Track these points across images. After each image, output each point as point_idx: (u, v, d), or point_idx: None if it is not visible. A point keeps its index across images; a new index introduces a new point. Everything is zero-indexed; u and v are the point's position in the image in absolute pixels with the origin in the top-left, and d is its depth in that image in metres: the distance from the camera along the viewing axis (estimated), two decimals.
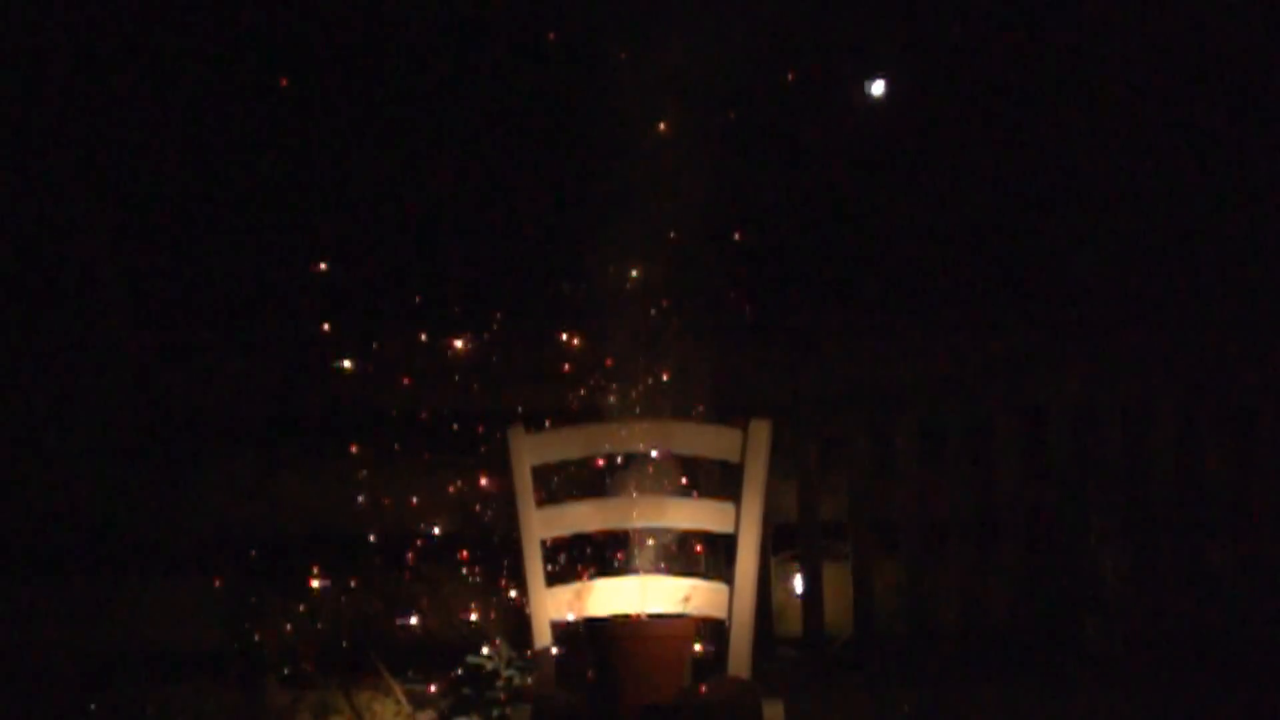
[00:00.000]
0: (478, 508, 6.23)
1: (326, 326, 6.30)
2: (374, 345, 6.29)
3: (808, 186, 6.51)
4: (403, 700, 6.16)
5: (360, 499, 6.25)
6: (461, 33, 6.36)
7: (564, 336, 6.26)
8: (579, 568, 5.83)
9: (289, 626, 6.21)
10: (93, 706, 6.12)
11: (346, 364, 6.27)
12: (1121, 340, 6.44)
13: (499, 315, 6.33)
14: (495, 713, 6.01)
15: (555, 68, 6.31)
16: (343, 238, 6.36)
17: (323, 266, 6.33)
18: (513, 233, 6.37)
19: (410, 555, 6.26)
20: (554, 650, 5.28)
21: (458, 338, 6.31)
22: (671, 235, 6.15)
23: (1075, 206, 6.58)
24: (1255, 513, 6.34)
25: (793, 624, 6.32)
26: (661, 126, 6.13)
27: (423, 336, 6.31)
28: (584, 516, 5.41)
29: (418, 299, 6.34)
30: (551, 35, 6.30)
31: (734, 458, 5.38)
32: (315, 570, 6.22)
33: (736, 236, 6.33)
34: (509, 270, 6.36)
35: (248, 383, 6.28)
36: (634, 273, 6.14)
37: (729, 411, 5.85)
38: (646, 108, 6.13)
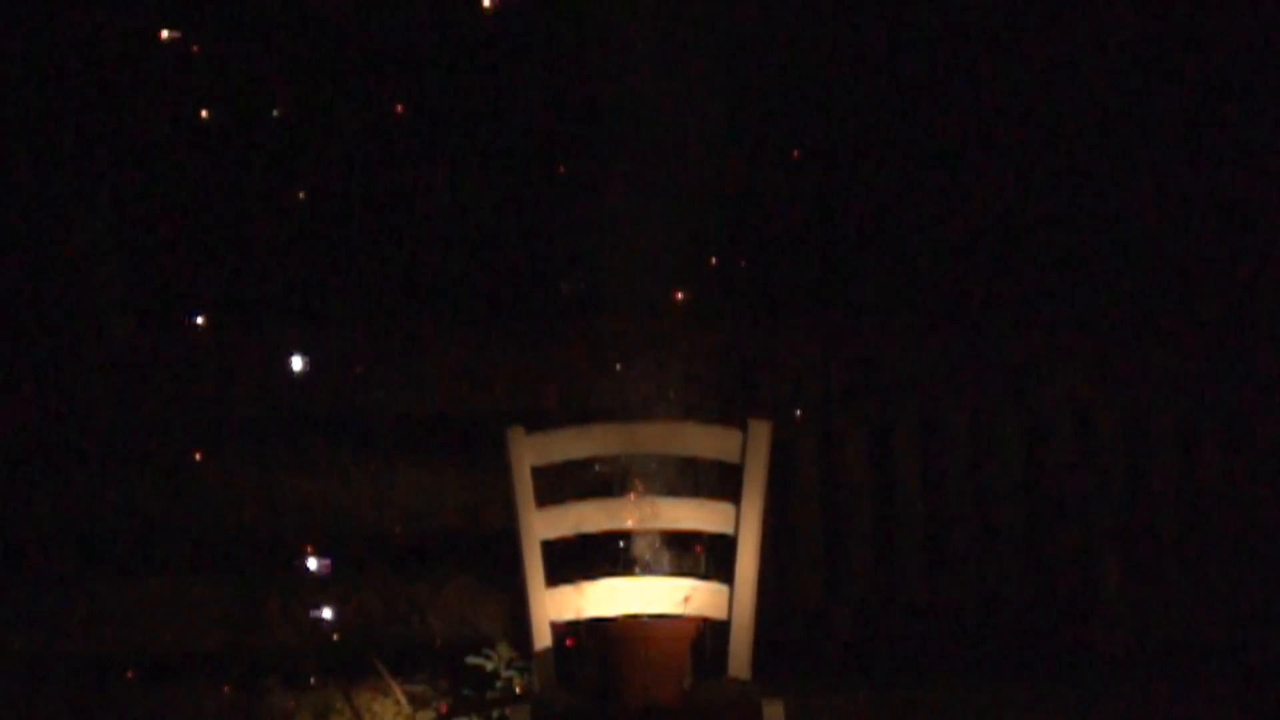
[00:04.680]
0: (478, 507, 6.22)
1: (326, 326, 6.30)
2: (374, 344, 6.29)
3: (809, 185, 6.51)
4: (402, 701, 6.16)
5: (360, 499, 6.25)
6: (454, 28, 6.37)
7: (564, 336, 6.26)
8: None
9: (289, 627, 6.21)
10: (93, 706, 6.12)
11: (345, 363, 6.27)
12: (1122, 340, 6.44)
13: (499, 314, 6.33)
14: (495, 713, 6.01)
15: (550, 61, 6.31)
16: (342, 237, 6.36)
17: (322, 266, 6.33)
18: (511, 231, 6.37)
19: (410, 555, 6.25)
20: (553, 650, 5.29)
21: (458, 337, 6.31)
22: (671, 234, 6.15)
23: (1076, 206, 6.58)
24: (1255, 513, 6.34)
25: None
26: (660, 124, 6.13)
27: (423, 335, 6.31)
28: (583, 517, 5.40)
29: (418, 298, 6.34)
30: (543, 26, 6.31)
31: (734, 458, 5.38)
32: (315, 570, 6.21)
33: (735, 236, 6.34)
34: (508, 269, 6.36)
35: (248, 382, 6.27)
36: (634, 271, 6.14)
37: (729, 411, 5.85)
38: (645, 104, 6.12)
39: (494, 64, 6.37)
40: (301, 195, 6.34)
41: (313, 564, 6.21)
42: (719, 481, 5.89)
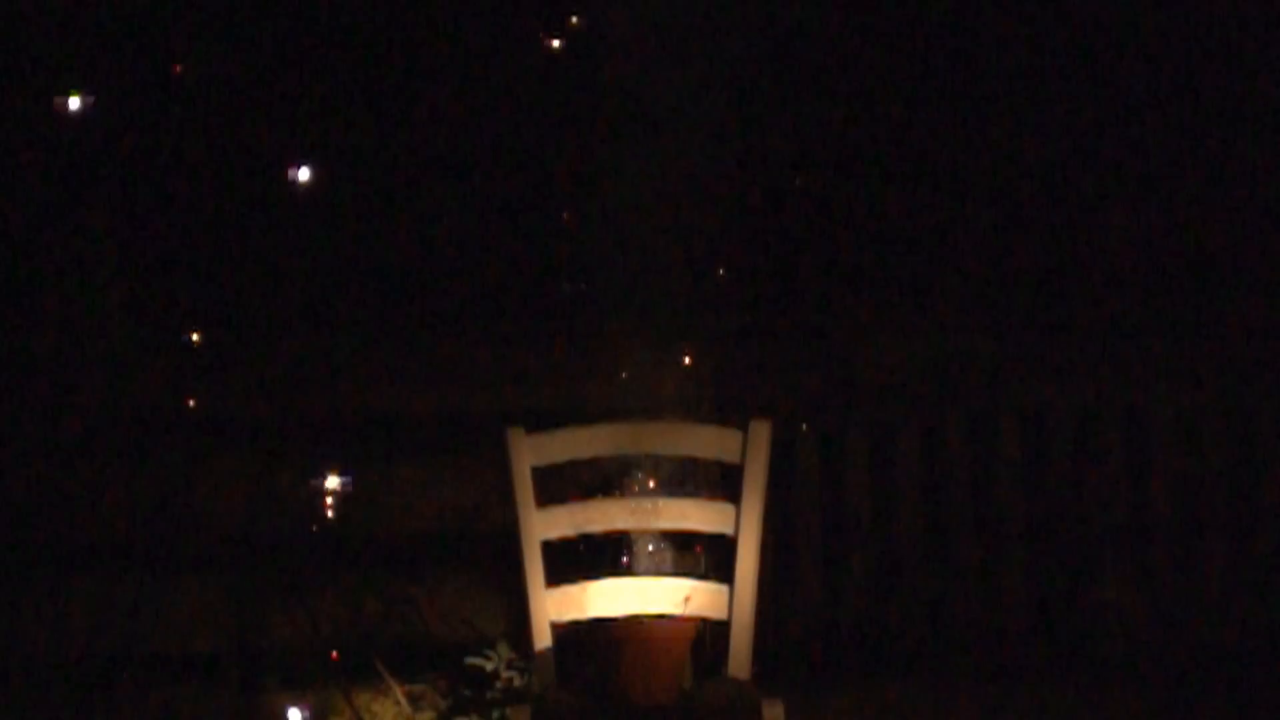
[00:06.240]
0: (478, 507, 6.22)
1: (326, 327, 6.30)
2: (374, 344, 6.29)
3: (808, 186, 6.51)
4: (402, 701, 6.16)
5: (360, 499, 6.25)
6: (455, 28, 6.37)
7: (564, 336, 6.26)
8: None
9: (288, 628, 6.21)
10: (93, 707, 6.12)
11: (345, 363, 6.27)
12: (1122, 340, 6.44)
13: (498, 314, 6.33)
14: (495, 714, 6.00)
15: (553, 61, 6.32)
16: (341, 236, 6.36)
17: (321, 265, 6.33)
18: (511, 230, 6.37)
19: (410, 556, 6.25)
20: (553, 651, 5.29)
21: (457, 336, 6.31)
22: (673, 234, 6.15)
23: (1076, 206, 6.59)
24: (1255, 514, 6.34)
25: None
26: (662, 124, 6.13)
27: (422, 335, 6.31)
28: (584, 517, 5.40)
29: (417, 298, 6.35)
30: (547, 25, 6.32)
31: (734, 458, 5.38)
32: (315, 571, 6.21)
33: (736, 235, 6.34)
34: (508, 269, 6.36)
35: (248, 383, 6.27)
36: (635, 271, 6.14)
37: (729, 411, 5.85)
38: (648, 103, 6.13)
39: (496, 63, 6.38)
40: (301, 195, 6.34)
41: (312, 563, 6.21)
42: (719, 481, 5.90)
